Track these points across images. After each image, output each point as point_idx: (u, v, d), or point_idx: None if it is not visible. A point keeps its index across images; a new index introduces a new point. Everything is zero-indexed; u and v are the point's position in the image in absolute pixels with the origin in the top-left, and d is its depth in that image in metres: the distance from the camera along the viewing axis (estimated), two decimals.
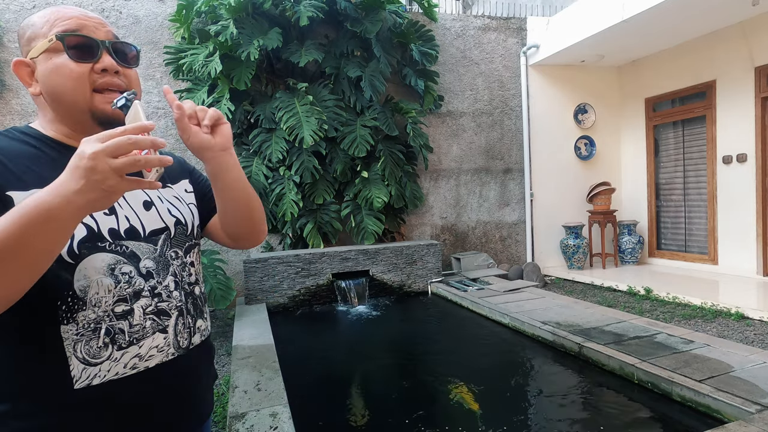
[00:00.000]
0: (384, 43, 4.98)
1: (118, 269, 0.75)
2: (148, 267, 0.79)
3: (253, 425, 1.83)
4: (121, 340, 0.75)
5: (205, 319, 0.92)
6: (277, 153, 4.52)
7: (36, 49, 0.75)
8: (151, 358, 0.78)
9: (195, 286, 0.90)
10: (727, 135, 4.91)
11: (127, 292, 0.76)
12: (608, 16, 4.52)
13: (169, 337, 0.81)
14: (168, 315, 0.81)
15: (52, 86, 0.75)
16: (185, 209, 0.91)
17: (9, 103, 4.30)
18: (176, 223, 0.87)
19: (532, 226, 5.87)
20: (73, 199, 0.57)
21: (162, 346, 0.80)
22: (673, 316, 3.74)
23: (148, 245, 0.81)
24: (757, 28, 4.52)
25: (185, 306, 0.85)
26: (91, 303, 0.72)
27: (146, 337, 0.77)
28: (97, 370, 0.72)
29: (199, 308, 0.90)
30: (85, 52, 0.75)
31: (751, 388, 2.07)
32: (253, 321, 3.58)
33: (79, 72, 0.74)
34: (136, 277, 0.77)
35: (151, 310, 0.79)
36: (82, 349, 0.72)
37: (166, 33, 4.70)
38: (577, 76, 5.97)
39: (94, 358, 0.72)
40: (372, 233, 4.84)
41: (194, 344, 0.87)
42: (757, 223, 4.66)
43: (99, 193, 0.57)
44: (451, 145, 5.64)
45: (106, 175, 0.56)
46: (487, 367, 2.92)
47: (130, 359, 0.75)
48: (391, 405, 2.43)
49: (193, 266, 0.91)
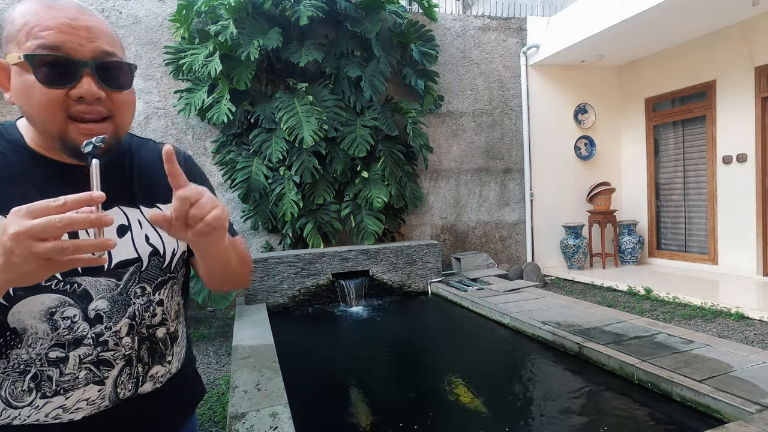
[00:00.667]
0: (384, 43, 4.98)
1: (60, 313, 0.66)
2: (99, 309, 0.70)
3: (253, 425, 1.83)
4: (46, 388, 0.67)
5: (167, 364, 0.80)
6: (277, 153, 4.52)
7: (9, 57, 0.63)
8: (78, 411, 0.69)
9: (158, 328, 0.78)
10: (727, 135, 4.91)
11: (65, 339, 0.67)
12: (608, 16, 4.52)
13: (105, 389, 0.71)
14: (110, 365, 0.71)
15: (22, 105, 0.65)
16: (169, 238, 0.78)
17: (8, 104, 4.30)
18: (152, 253, 0.76)
19: (532, 226, 5.87)
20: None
21: (94, 399, 0.70)
22: (673, 316, 3.74)
23: (108, 281, 0.71)
24: (757, 28, 4.52)
25: (136, 354, 0.75)
26: (26, 343, 0.65)
27: (76, 388, 0.69)
28: (17, 413, 0.66)
29: (159, 352, 0.79)
30: (58, 75, 0.62)
31: (751, 388, 2.06)
32: (253, 321, 3.58)
33: (48, 99, 0.63)
34: (80, 321, 0.68)
35: (89, 360, 0.69)
36: (7, 388, 0.66)
37: (166, 33, 4.70)
38: (577, 76, 5.97)
39: (16, 401, 0.66)
40: (372, 233, 4.84)
41: (141, 393, 0.76)
42: (757, 223, 4.66)
43: (17, 275, 0.51)
44: (451, 145, 5.64)
45: (25, 259, 0.49)
46: (487, 367, 2.92)
47: (53, 409, 0.68)
48: (390, 405, 2.43)
49: (161, 305, 0.79)
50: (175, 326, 0.83)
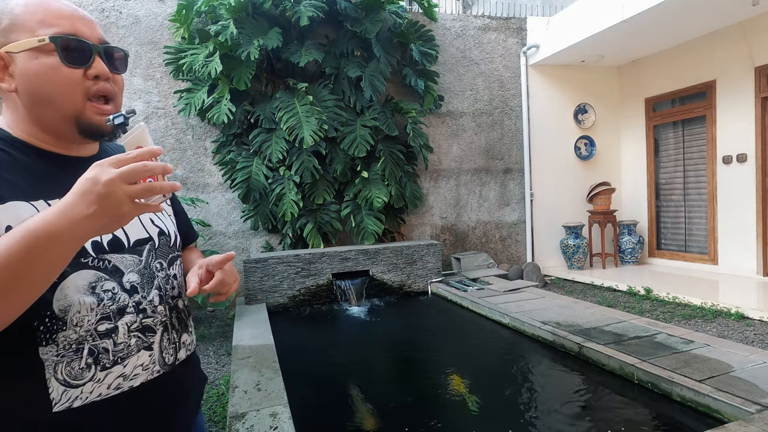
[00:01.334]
0: (384, 43, 4.98)
1: (100, 286, 0.72)
2: (132, 281, 0.76)
3: (253, 425, 1.83)
4: (104, 360, 0.71)
5: (190, 333, 0.90)
6: (277, 153, 4.52)
7: (18, 45, 0.67)
8: (136, 377, 0.75)
9: (178, 299, 0.87)
10: (727, 135, 4.91)
11: (110, 310, 0.72)
12: (608, 16, 4.52)
13: (154, 354, 0.78)
14: (153, 331, 0.78)
15: (38, 88, 0.69)
16: (167, 220, 0.90)
17: None
18: (160, 233, 0.85)
19: (532, 226, 5.87)
20: (82, 223, 0.56)
21: (147, 363, 0.77)
22: (673, 316, 3.74)
23: (132, 257, 0.77)
24: (757, 28, 4.52)
25: (170, 321, 0.82)
26: (72, 323, 0.68)
27: (131, 355, 0.74)
28: (78, 392, 0.69)
29: (183, 322, 0.87)
30: (79, 56, 0.70)
31: (751, 388, 2.06)
32: (253, 321, 3.58)
33: (72, 78, 0.69)
34: (120, 293, 0.74)
35: (135, 326, 0.75)
36: (63, 370, 0.68)
37: (166, 33, 4.70)
38: (577, 76, 5.97)
39: (75, 380, 0.69)
40: (372, 233, 4.84)
41: (180, 360, 0.84)
42: (757, 223, 4.66)
43: (110, 218, 0.57)
44: (451, 145, 5.65)
45: (122, 201, 0.56)
46: (487, 367, 2.92)
47: (114, 379, 0.72)
48: (391, 405, 2.43)
49: (176, 279, 0.87)
50: (187, 302, 0.91)
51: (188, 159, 4.75)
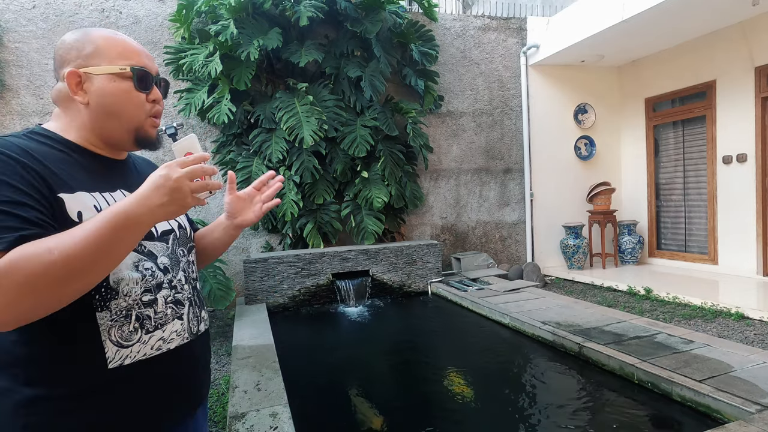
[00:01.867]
0: (384, 43, 4.98)
1: (141, 265, 0.87)
2: (164, 263, 0.92)
3: (253, 425, 1.83)
4: (148, 325, 0.86)
5: (206, 311, 1.05)
6: (277, 153, 4.52)
7: (99, 69, 0.85)
8: (172, 341, 0.90)
9: (196, 282, 1.03)
10: (727, 135, 4.91)
11: (151, 284, 0.87)
12: (608, 16, 4.52)
13: (184, 323, 0.93)
14: (182, 304, 0.94)
15: (111, 103, 0.86)
16: (183, 217, 1.04)
17: (9, 103, 4.30)
18: (179, 226, 1.01)
19: (532, 226, 5.87)
20: (156, 211, 0.72)
21: (179, 330, 0.92)
22: (673, 316, 3.74)
23: (161, 244, 0.93)
24: (757, 28, 4.52)
25: (193, 297, 0.98)
26: (122, 293, 0.83)
27: (168, 322, 0.90)
28: (128, 352, 0.83)
29: (201, 300, 1.03)
30: (146, 84, 0.90)
31: (751, 388, 2.07)
32: (253, 321, 3.58)
33: (140, 100, 0.89)
34: (157, 271, 0.89)
35: (170, 300, 0.91)
36: (116, 333, 0.82)
37: (166, 33, 4.70)
38: (577, 76, 5.97)
39: (126, 341, 0.83)
40: (372, 233, 4.84)
41: (201, 331, 0.99)
42: (757, 223, 4.66)
43: (177, 207, 0.73)
44: (451, 145, 5.65)
45: (186, 193, 0.73)
46: (487, 367, 2.92)
47: (156, 341, 0.87)
48: (390, 404, 2.42)
49: (194, 264, 1.04)
50: (200, 284, 1.06)
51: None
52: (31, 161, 0.75)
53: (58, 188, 0.76)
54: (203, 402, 1.03)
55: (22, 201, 0.70)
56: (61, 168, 0.79)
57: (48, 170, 0.77)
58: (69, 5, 4.43)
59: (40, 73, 4.36)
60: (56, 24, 4.39)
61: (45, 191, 0.74)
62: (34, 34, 4.34)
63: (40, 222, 0.70)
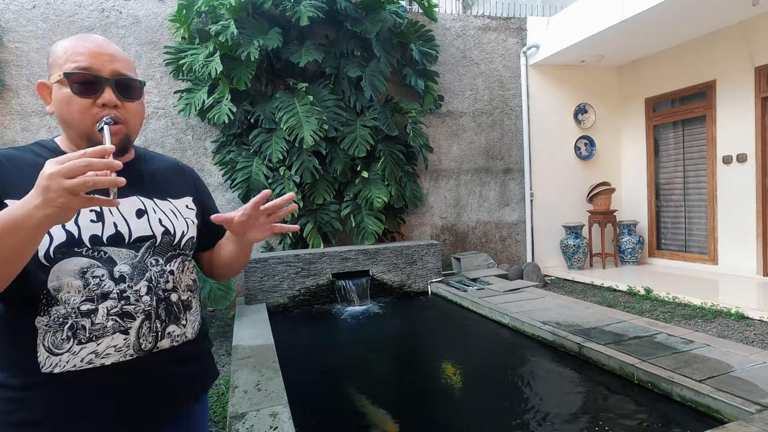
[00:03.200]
0: (384, 43, 4.98)
1: (90, 273, 0.83)
2: (122, 271, 0.86)
3: (253, 425, 1.83)
4: (81, 336, 0.82)
5: (182, 326, 0.95)
6: (277, 153, 4.52)
7: (52, 78, 0.85)
8: (108, 356, 0.83)
9: (172, 293, 0.94)
10: (727, 135, 4.91)
11: (95, 293, 0.83)
12: (608, 16, 4.52)
13: (129, 338, 0.86)
14: (132, 317, 0.86)
15: (61, 112, 0.86)
16: (179, 222, 0.98)
17: (9, 103, 4.30)
18: (164, 233, 0.94)
19: (532, 226, 5.87)
20: (32, 213, 0.65)
21: (120, 346, 0.85)
22: (673, 316, 3.74)
23: (128, 251, 0.88)
24: (757, 28, 4.52)
25: (155, 311, 0.90)
26: (62, 300, 0.81)
27: (105, 336, 0.83)
28: (57, 360, 0.80)
29: (173, 314, 0.94)
30: (88, 88, 0.84)
31: (751, 388, 2.07)
32: (253, 321, 3.58)
33: (81, 105, 0.84)
34: (107, 280, 0.84)
35: (115, 311, 0.84)
36: (49, 339, 0.81)
37: (166, 33, 4.70)
38: (577, 76, 5.97)
39: (57, 349, 0.81)
40: (372, 233, 4.84)
41: (160, 348, 0.90)
42: (757, 223, 4.66)
43: (52, 209, 0.64)
44: (451, 145, 5.65)
45: (59, 193, 0.63)
46: (487, 367, 2.92)
47: (87, 354, 0.82)
48: (390, 404, 2.42)
49: (173, 274, 0.95)
50: (187, 296, 0.99)
51: (188, 159, 4.75)
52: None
53: (9, 194, 0.79)
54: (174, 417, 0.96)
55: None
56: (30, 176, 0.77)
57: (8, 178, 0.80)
58: (69, 5, 4.43)
59: (40, 73, 4.36)
60: (56, 24, 4.39)
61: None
62: (34, 34, 4.34)
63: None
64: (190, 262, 1.04)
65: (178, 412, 0.96)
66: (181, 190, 1.04)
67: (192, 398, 1.00)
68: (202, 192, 1.11)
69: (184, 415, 0.98)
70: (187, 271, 1.01)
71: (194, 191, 1.08)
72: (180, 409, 0.96)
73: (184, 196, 1.04)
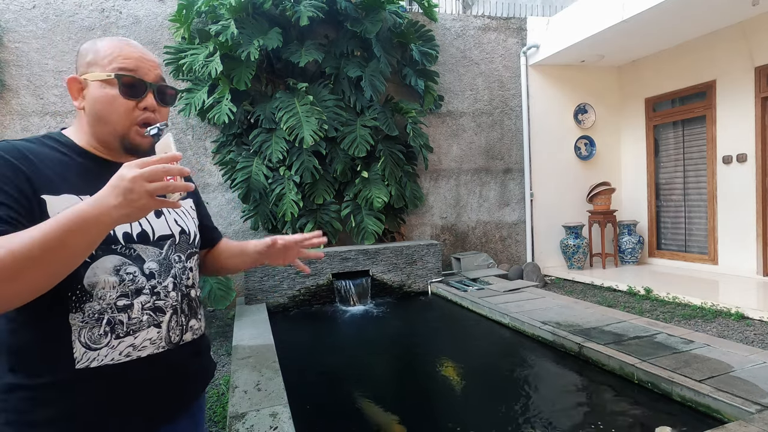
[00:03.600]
0: (384, 43, 4.98)
1: (123, 270, 0.86)
2: (151, 268, 0.91)
3: (253, 425, 1.83)
4: (119, 330, 0.85)
5: (199, 320, 1.02)
6: (277, 153, 4.51)
7: (93, 75, 0.88)
8: (144, 349, 0.88)
9: (191, 289, 1.00)
10: (727, 135, 4.91)
11: (129, 289, 0.87)
12: (608, 16, 4.52)
13: (162, 331, 0.91)
14: (163, 312, 0.91)
15: (99, 110, 0.88)
16: (190, 222, 1.05)
17: (9, 103, 4.30)
18: (181, 232, 1.00)
19: (532, 226, 5.87)
20: (110, 212, 0.69)
21: (155, 339, 0.89)
22: (673, 316, 3.74)
23: (154, 249, 0.92)
24: (757, 28, 4.52)
25: (180, 306, 0.95)
26: (96, 296, 0.83)
27: (141, 329, 0.87)
28: (95, 355, 0.83)
29: (193, 309, 1.00)
30: (134, 91, 0.89)
31: (751, 388, 2.07)
32: (253, 321, 3.58)
33: (126, 107, 0.88)
34: (139, 276, 0.88)
35: (148, 306, 0.89)
36: (85, 335, 0.83)
37: (166, 33, 4.70)
38: (577, 76, 5.97)
39: (94, 344, 0.83)
40: (372, 233, 4.84)
41: (185, 341, 0.96)
42: (757, 223, 4.66)
43: (132, 209, 0.69)
44: (451, 145, 5.65)
45: (141, 195, 0.68)
46: (487, 367, 2.92)
47: (125, 348, 0.85)
48: (390, 404, 2.42)
49: (192, 271, 1.01)
50: (199, 293, 1.05)
51: (188, 159, 4.75)
52: (23, 163, 0.79)
53: (42, 190, 0.79)
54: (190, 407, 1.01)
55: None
56: (55, 171, 0.83)
57: (38, 172, 0.80)
58: (69, 5, 4.43)
59: (40, 73, 4.36)
60: (56, 24, 4.39)
61: (27, 191, 0.77)
62: (34, 34, 4.34)
63: (10, 220, 0.72)
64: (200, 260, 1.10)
65: (189, 404, 1.01)
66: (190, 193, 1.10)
67: (201, 390, 1.05)
68: (198, 195, 1.18)
69: (193, 406, 1.03)
70: (197, 268, 1.07)
71: (194, 194, 1.13)
72: (191, 400, 1.01)
73: (186, 198, 1.09)
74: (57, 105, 4.42)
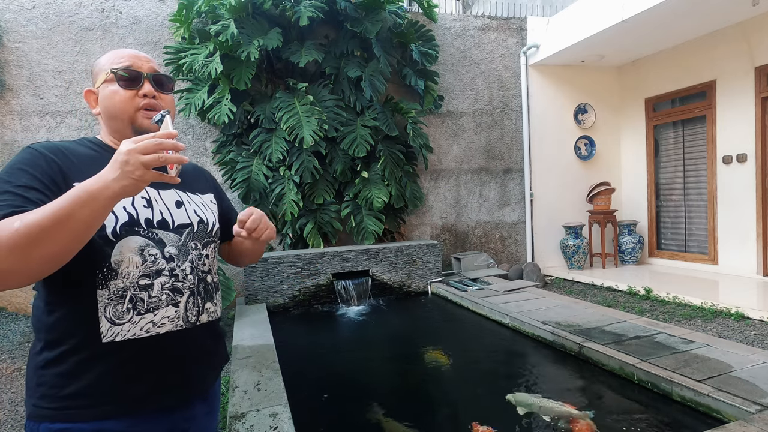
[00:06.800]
0: (384, 43, 4.98)
1: (147, 251, 0.95)
2: (171, 252, 0.99)
3: (253, 425, 1.83)
4: (140, 307, 0.93)
5: (215, 304, 1.10)
6: (277, 153, 4.52)
7: (99, 80, 1.02)
8: (163, 326, 0.95)
9: (208, 274, 1.08)
10: (727, 135, 4.91)
11: (150, 270, 0.95)
12: (608, 16, 4.52)
13: (179, 311, 0.98)
14: (181, 293, 0.99)
15: (108, 106, 1.00)
16: (209, 213, 1.13)
17: (9, 103, 4.30)
18: (199, 221, 1.08)
19: (532, 226, 5.87)
20: (110, 184, 0.75)
21: (173, 317, 0.97)
22: (673, 316, 3.74)
23: (174, 235, 1.00)
24: (757, 28, 4.52)
25: (197, 288, 1.03)
26: (121, 275, 0.91)
27: (160, 307, 0.95)
28: (119, 329, 0.91)
29: (209, 293, 1.07)
30: (131, 81, 1.00)
31: (751, 388, 2.07)
32: (253, 321, 3.58)
33: (126, 96, 1.00)
34: (160, 258, 0.96)
35: (168, 286, 0.97)
36: (110, 311, 0.90)
37: (166, 33, 4.70)
38: (577, 76, 5.97)
39: (118, 320, 0.91)
40: (372, 233, 4.84)
41: (201, 322, 1.03)
42: (757, 223, 4.66)
43: (129, 181, 0.75)
44: (451, 145, 5.65)
45: (137, 167, 0.74)
46: (487, 367, 2.92)
47: (146, 324, 0.93)
48: (390, 404, 2.42)
49: (208, 258, 1.09)
50: (217, 279, 1.13)
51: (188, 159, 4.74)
52: (59, 157, 0.91)
53: (75, 178, 0.89)
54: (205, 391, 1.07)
55: (32, 186, 0.84)
56: (86, 163, 0.94)
57: (72, 165, 0.92)
58: (69, 5, 4.43)
59: (40, 73, 4.36)
60: (56, 24, 4.39)
61: (59, 180, 0.88)
62: (34, 34, 4.34)
63: (39, 202, 0.81)
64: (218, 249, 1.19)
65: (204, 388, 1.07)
66: (204, 188, 1.19)
67: (216, 376, 1.12)
68: (220, 191, 1.28)
69: (209, 393, 1.10)
70: (216, 256, 1.16)
71: (214, 190, 1.23)
72: (206, 383, 1.07)
73: (207, 193, 1.19)
74: (57, 105, 4.42)
